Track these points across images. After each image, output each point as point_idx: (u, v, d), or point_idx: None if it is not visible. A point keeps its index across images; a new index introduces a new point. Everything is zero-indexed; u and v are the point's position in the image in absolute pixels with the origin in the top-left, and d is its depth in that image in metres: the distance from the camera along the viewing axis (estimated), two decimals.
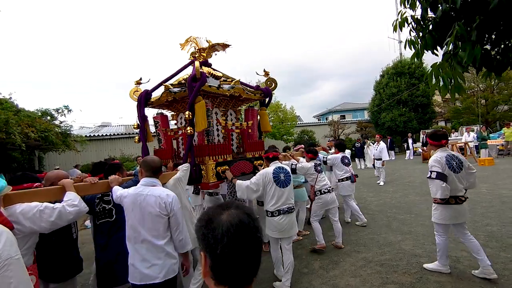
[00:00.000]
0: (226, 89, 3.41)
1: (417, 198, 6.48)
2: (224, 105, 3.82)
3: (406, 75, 19.30)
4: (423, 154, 13.38)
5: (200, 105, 3.04)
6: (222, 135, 3.73)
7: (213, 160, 3.20)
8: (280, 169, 3.26)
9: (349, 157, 5.25)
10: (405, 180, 8.89)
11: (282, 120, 15.53)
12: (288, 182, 3.24)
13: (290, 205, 3.17)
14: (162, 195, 2.10)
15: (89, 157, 13.86)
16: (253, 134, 4.06)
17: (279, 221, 3.09)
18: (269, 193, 3.15)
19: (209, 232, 0.74)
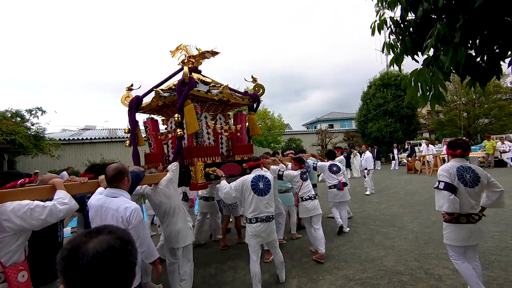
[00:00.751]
0: (215, 93, 3.53)
1: (401, 210, 6.35)
2: (213, 109, 3.91)
3: (392, 87, 19.65)
4: (408, 164, 13.47)
5: (189, 108, 3.11)
6: (212, 138, 3.84)
7: (202, 162, 3.28)
8: (259, 177, 3.27)
9: (340, 165, 5.19)
10: (390, 191, 8.81)
11: (269, 127, 15.37)
12: (268, 190, 3.23)
13: (269, 214, 3.18)
14: (120, 209, 2.03)
15: (66, 161, 13.26)
16: (242, 138, 4.18)
17: (256, 228, 3.11)
18: (247, 200, 3.17)
19: (71, 264, 0.69)
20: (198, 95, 3.40)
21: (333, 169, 5.04)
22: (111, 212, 2.02)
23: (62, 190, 2.14)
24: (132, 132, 3.64)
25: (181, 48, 3.72)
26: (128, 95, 3.74)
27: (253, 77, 4.34)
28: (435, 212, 5.87)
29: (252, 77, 4.35)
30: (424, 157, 12.54)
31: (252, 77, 4.37)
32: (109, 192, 2.12)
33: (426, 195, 7.72)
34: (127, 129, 3.65)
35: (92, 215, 2.12)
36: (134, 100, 3.61)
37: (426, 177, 11.51)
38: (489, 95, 17.58)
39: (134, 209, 2.05)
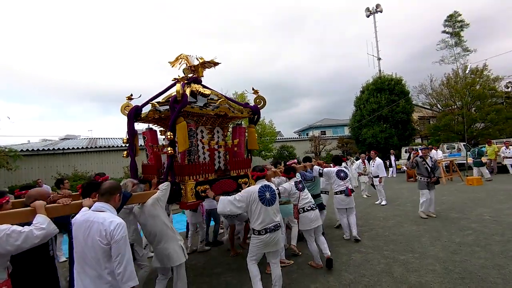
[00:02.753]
0: (211, 109, 3.44)
1: (414, 228, 5.40)
2: (210, 123, 3.79)
3: (386, 91, 19.09)
4: (408, 172, 12.65)
5: (181, 126, 3.09)
6: (207, 154, 3.77)
7: (193, 180, 3.25)
8: (266, 187, 3.25)
9: (347, 171, 5.13)
10: (395, 203, 7.89)
11: (260, 135, 14.40)
12: (274, 200, 3.23)
13: (276, 223, 3.18)
14: (105, 222, 1.98)
15: (32, 174, 11.90)
16: (240, 152, 4.05)
17: (265, 240, 3.08)
18: (255, 211, 3.12)
19: None
20: (192, 111, 3.31)
21: (341, 175, 4.94)
22: (96, 226, 1.98)
23: (41, 214, 2.17)
24: (130, 143, 3.57)
25: (182, 58, 3.66)
26: (128, 104, 3.68)
27: (254, 89, 4.23)
28: (456, 231, 4.96)
29: (253, 89, 4.24)
30: (452, 162, 11.66)
31: (253, 89, 4.25)
32: (97, 206, 2.12)
33: (437, 208, 6.80)
34: (125, 139, 3.59)
35: (75, 230, 2.07)
36: (132, 111, 3.53)
37: None
38: (485, 99, 17.17)
39: (119, 223, 2.00)
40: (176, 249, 2.94)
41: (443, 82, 19.26)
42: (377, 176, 8.08)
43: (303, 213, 3.91)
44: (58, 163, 12.82)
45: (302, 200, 3.94)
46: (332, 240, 5.10)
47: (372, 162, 8.29)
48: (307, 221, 3.88)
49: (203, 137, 3.75)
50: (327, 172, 5.00)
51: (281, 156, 16.34)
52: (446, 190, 9.19)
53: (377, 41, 22.87)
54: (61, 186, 5.28)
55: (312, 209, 3.92)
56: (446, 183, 10.44)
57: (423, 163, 6.29)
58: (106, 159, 14.35)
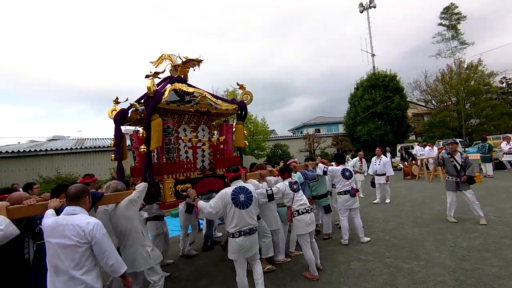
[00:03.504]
0: (189, 105, 3.37)
1: (416, 230, 5.02)
2: (195, 121, 3.71)
3: (381, 88, 18.83)
4: (404, 169, 12.36)
5: (155, 123, 3.03)
6: (190, 152, 3.69)
7: (172, 178, 3.17)
8: (240, 189, 3.14)
9: (352, 170, 4.97)
10: (393, 202, 7.53)
11: (253, 133, 13.95)
12: (249, 202, 3.12)
13: (251, 226, 3.09)
14: (81, 224, 2.02)
15: (14, 177, 11.26)
16: (227, 150, 3.95)
17: (239, 242, 3.00)
18: (228, 214, 3.06)
19: None
20: (169, 108, 3.25)
21: (346, 174, 4.75)
22: (71, 228, 2.00)
23: (1, 215, 2.16)
24: (116, 146, 3.52)
25: (165, 58, 3.58)
26: (114, 108, 3.67)
27: (238, 83, 4.12)
28: (461, 234, 4.60)
29: (238, 84, 4.13)
30: (422, 161, 11.47)
31: (237, 83, 4.14)
32: (69, 209, 2.13)
33: (438, 208, 6.47)
34: (112, 142, 3.55)
35: (47, 235, 2.06)
36: (118, 114, 3.50)
37: (427, 183, 10.38)
38: (480, 95, 17.00)
39: (96, 223, 2.06)
40: (143, 254, 2.87)
41: (437, 78, 19.06)
42: (382, 174, 7.71)
43: (297, 216, 3.65)
44: (41, 165, 12.17)
45: (296, 202, 3.70)
46: (329, 245, 4.70)
47: (377, 159, 7.91)
48: (302, 224, 3.61)
49: (186, 135, 3.64)
50: (332, 170, 4.80)
51: (274, 155, 15.93)
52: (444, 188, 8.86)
53: (370, 37, 22.58)
54: (29, 192, 4.76)
55: (307, 211, 3.67)
56: (432, 180, 10.13)
57: (450, 160, 5.49)
58: (93, 160, 13.73)
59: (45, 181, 10.62)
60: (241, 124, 4.07)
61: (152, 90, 2.95)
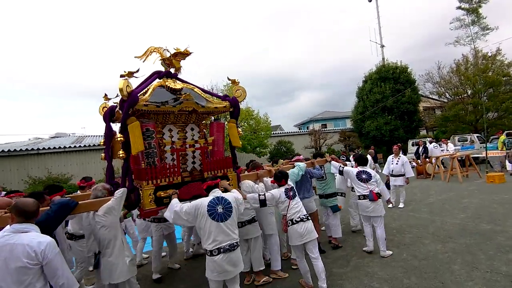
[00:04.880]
0: (171, 105, 3.14)
1: (439, 246, 4.23)
2: (183, 120, 3.47)
3: (391, 80, 17.79)
4: (417, 167, 11.45)
5: (133, 126, 2.87)
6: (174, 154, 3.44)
7: (152, 184, 3.01)
8: (218, 200, 2.82)
9: (371, 172, 4.44)
10: (407, 208, 6.71)
11: (254, 129, 13.19)
12: (228, 215, 2.80)
13: (232, 241, 2.75)
14: (31, 243, 1.89)
15: (3, 177, 10.82)
16: (218, 151, 3.74)
17: (218, 261, 2.66)
18: (204, 229, 2.73)
19: None
20: (147, 110, 3.01)
21: (362, 176, 4.34)
22: (20, 248, 1.86)
23: None
24: (106, 145, 3.34)
25: (153, 51, 3.34)
26: (105, 105, 3.53)
27: (229, 78, 3.96)
28: (495, 252, 3.81)
29: (229, 79, 3.97)
30: (438, 159, 10.54)
31: (228, 78, 4.01)
32: (17, 227, 1.97)
33: (461, 215, 5.64)
34: (102, 141, 3.42)
35: None
36: (107, 112, 3.32)
37: (443, 183, 9.49)
38: (499, 86, 15.82)
39: (48, 243, 1.95)
40: (120, 265, 2.73)
41: (452, 69, 17.87)
42: (399, 175, 6.95)
43: (291, 225, 3.33)
44: (33, 165, 11.71)
45: (291, 210, 3.37)
46: (334, 266, 3.95)
47: (394, 158, 7.15)
48: (296, 235, 3.29)
49: (172, 136, 3.39)
50: (348, 171, 4.48)
51: (278, 152, 15.16)
52: (464, 190, 8.01)
53: (379, 27, 21.40)
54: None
55: (303, 220, 3.33)
56: (462, 180, 9.24)
57: None
58: (89, 159, 13.19)
59: (35, 182, 10.14)
60: (234, 122, 3.78)
61: (125, 92, 2.75)
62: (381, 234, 4.16)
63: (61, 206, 2.44)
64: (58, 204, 2.46)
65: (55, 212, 2.38)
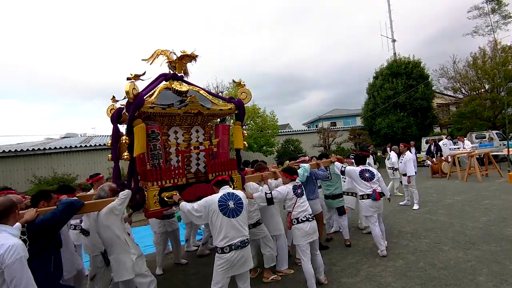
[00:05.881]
0: (176, 108, 3.15)
1: (460, 254, 3.81)
2: (188, 122, 3.47)
3: (403, 76, 17.11)
4: (432, 166, 10.86)
5: (138, 128, 2.92)
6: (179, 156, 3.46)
7: (157, 186, 3.05)
8: (229, 195, 2.84)
9: (374, 171, 4.40)
10: (423, 209, 6.25)
11: (261, 128, 12.85)
12: (240, 210, 2.81)
13: (243, 238, 2.74)
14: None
15: (11, 177, 10.87)
16: (222, 153, 3.73)
17: (230, 258, 2.64)
18: (215, 224, 2.73)
19: None
20: (153, 112, 3.00)
21: (366, 175, 4.31)
22: None
23: None
24: (113, 146, 3.35)
25: (160, 54, 3.37)
26: (113, 107, 3.62)
27: (234, 80, 4.01)
28: None
29: (234, 81, 4.04)
30: (454, 157, 9.95)
31: (233, 80, 4.07)
32: None
33: (483, 218, 5.17)
34: (109, 142, 3.44)
35: None
36: (115, 113, 3.39)
37: (461, 183, 8.92)
38: None
39: (11, 246, 1.84)
40: (126, 262, 2.77)
41: (468, 62, 17.02)
42: (404, 174, 6.69)
43: (296, 224, 3.33)
44: (39, 165, 11.72)
45: (298, 208, 3.36)
46: (343, 275, 3.59)
47: (402, 156, 6.85)
48: (301, 234, 3.29)
49: (178, 137, 3.42)
50: (350, 171, 4.39)
51: (286, 151, 14.77)
52: (485, 190, 7.46)
53: (391, 20, 20.68)
54: None
55: (308, 220, 3.35)
56: (482, 180, 8.65)
57: None
58: (95, 159, 13.11)
59: (40, 182, 10.12)
60: (239, 125, 3.77)
61: (131, 95, 2.78)
62: (383, 229, 4.27)
63: (67, 205, 2.49)
64: (65, 203, 2.50)
65: (61, 212, 2.43)
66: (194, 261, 4.74)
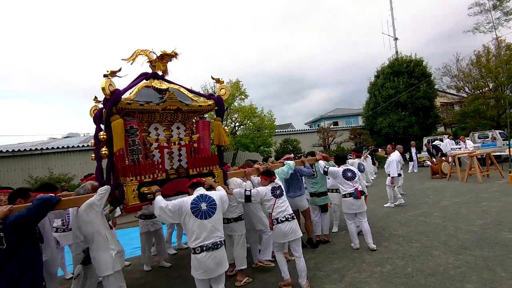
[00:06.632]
0: (154, 104, 3.21)
1: (451, 259, 3.65)
2: (169, 119, 3.51)
3: (405, 75, 16.87)
4: (432, 167, 10.64)
5: (116, 124, 2.93)
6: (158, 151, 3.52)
7: (136, 180, 3.06)
8: (202, 197, 2.85)
9: (355, 170, 4.56)
10: (417, 211, 6.08)
11: (258, 127, 12.73)
12: (212, 212, 2.82)
13: (215, 240, 2.75)
14: None
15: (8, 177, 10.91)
16: (203, 148, 3.79)
17: (202, 259, 2.66)
18: (188, 226, 2.78)
19: None
20: (131, 108, 3.07)
21: (348, 175, 4.45)
22: None
23: None
24: (96, 146, 3.34)
25: (140, 54, 3.37)
26: (96, 107, 3.69)
27: (213, 77, 4.01)
28: None
29: (213, 77, 4.01)
30: (454, 157, 9.72)
31: (212, 77, 4.03)
32: None
33: (479, 221, 4.99)
34: (92, 142, 3.54)
35: None
36: (97, 114, 3.40)
37: (460, 184, 8.71)
38: None
39: None
40: (105, 258, 2.79)
41: (472, 61, 16.70)
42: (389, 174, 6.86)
43: (276, 224, 3.36)
44: (36, 165, 11.76)
45: (277, 209, 3.40)
46: (325, 282, 3.46)
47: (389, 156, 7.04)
48: (281, 234, 3.35)
49: (158, 134, 3.46)
50: (333, 171, 4.52)
51: (284, 151, 14.63)
52: (484, 192, 7.24)
53: (393, 18, 20.45)
54: None
55: (288, 219, 3.37)
56: (482, 181, 8.43)
57: None
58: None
59: (36, 182, 10.13)
60: (219, 121, 3.82)
61: (107, 91, 2.82)
62: (367, 228, 4.35)
63: (43, 201, 2.51)
64: (40, 200, 2.52)
65: (36, 207, 2.46)
66: (178, 263, 4.65)
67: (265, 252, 3.98)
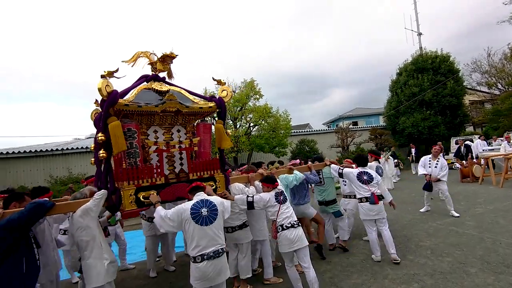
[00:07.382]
0: (153, 105, 3.10)
1: (490, 279, 3.15)
2: (169, 121, 3.41)
3: (429, 71, 15.88)
4: (462, 170, 9.81)
5: (113, 125, 2.84)
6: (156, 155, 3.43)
7: (134, 185, 2.97)
8: (202, 202, 2.75)
9: (372, 173, 4.23)
10: (445, 220, 5.49)
11: (273, 128, 12.38)
12: (213, 218, 2.71)
13: (217, 248, 2.63)
14: None
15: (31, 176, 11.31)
16: (205, 152, 3.68)
17: (202, 268, 2.55)
18: (188, 233, 2.65)
19: None
20: (129, 110, 2.97)
21: (363, 178, 4.15)
22: None
23: None
24: (96, 150, 3.24)
25: (141, 56, 3.31)
26: (97, 111, 3.50)
27: (214, 78, 3.82)
28: None
29: (213, 79, 3.83)
30: (487, 159, 8.89)
31: (213, 78, 3.83)
32: None
33: None
34: (92, 146, 3.40)
35: None
36: (98, 117, 3.22)
37: (495, 189, 7.92)
38: None
39: None
40: (98, 267, 2.66)
41: (505, 55, 15.45)
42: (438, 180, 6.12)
43: (281, 231, 3.20)
44: (57, 165, 12.11)
45: (282, 215, 3.26)
46: (342, 281, 3.09)
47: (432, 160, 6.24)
48: (286, 241, 3.15)
49: (158, 137, 3.36)
50: (347, 173, 4.25)
51: (300, 151, 14.18)
52: None
53: (416, 13, 19.40)
54: None
55: (293, 226, 3.21)
56: (503, 185, 7.61)
57: None
58: None
59: (56, 181, 10.40)
60: (221, 123, 3.65)
61: (104, 92, 2.74)
62: (389, 236, 3.97)
63: (36, 206, 2.48)
64: (33, 204, 2.49)
65: (29, 211, 2.42)
66: (182, 270, 4.41)
67: (268, 268, 3.75)
